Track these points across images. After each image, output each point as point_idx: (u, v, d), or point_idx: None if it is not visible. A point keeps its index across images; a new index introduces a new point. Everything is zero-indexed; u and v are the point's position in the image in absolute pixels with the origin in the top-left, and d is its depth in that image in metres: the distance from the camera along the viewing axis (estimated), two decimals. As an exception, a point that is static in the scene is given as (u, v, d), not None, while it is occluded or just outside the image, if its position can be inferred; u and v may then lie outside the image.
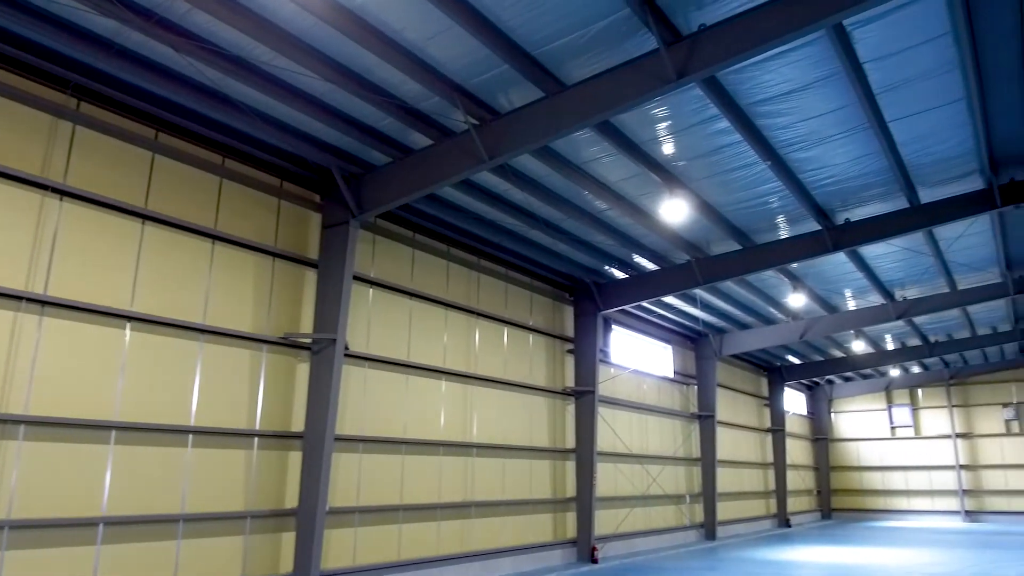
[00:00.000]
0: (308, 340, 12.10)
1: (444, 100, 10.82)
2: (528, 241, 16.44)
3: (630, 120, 11.92)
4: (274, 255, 12.06)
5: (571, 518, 18.21)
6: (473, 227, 15.12)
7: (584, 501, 18.04)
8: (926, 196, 15.14)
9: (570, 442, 18.68)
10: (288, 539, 11.52)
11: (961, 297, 21.99)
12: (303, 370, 12.18)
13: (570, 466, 18.51)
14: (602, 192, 14.03)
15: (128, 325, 9.98)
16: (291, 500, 11.66)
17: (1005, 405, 35.15)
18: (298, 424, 11.96)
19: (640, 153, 12.87)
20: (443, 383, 15.10)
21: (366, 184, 12.34)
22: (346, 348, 12.64)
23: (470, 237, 15.86)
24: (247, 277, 11.60)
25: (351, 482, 12.78)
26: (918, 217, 15.32)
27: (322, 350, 11.88)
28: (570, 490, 18.34)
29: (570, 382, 19.04)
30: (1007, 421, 35.04)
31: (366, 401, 13.32)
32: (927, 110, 12.01)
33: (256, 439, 11.33)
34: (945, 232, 17.42)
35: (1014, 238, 18.21)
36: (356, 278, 13.40)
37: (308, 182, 12.77)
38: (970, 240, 18.09)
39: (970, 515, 34.83)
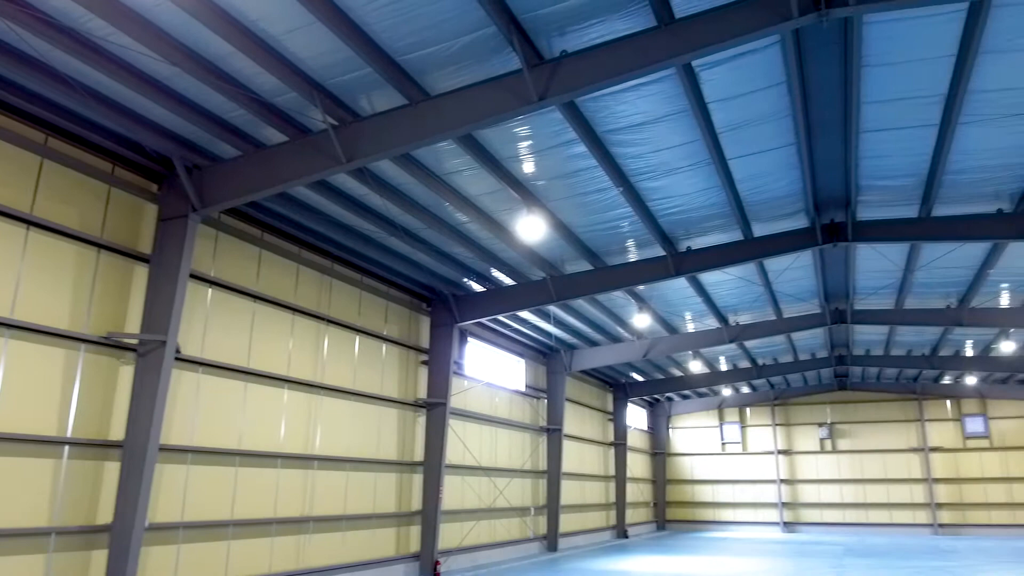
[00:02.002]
0: (134, 341, 11.14)
1: (302, 97, 10.39)
2: (386, 248, 16.14)
3: (493, 136, 12.03)
4: (100, 246, 11.01)
5: (415, 532, 17.95)
6: (328, 230, 14.61)
7: (429, 515, 17.85)
8: (759, 230, 16.40)
9: (419, 455, 18.45)
10: (100, 557, 10.47)
11: (786, 324, 24.01)
12: (127, 373, 11.18)
13: (417, 479, 18.27)
14: (463, 204, 14.05)
15: (-88, 316, 8.72)
16: (105, 515, 10.63)
17: (820, 425, 38.70)
18: (118, 432, 10.94)
19: (501, 169, 13.02)
20: (286, 392, 14.43)
21: (211, 177, 11.59)
22: (177, 351, 11.76)
23: (324, 240, 15.32)
24: (66, 269, 10.51)
25: (176, 495, 11.86)
26: (751, 249, 16.56)
27: (150, 352, 10.97)
28: (416, 503, 18.09)
29: (423, 394, 18.84)
30: (822, 440, 38.56)
31: (198, 409, 12.45)
32: (763, 151, 13.02)
33: (66, 447, 10.23)
34: (774, 264, 18.96)
35: (832, 273, 20.15)
36: (193, 276, 12.53)
37: (145, 170, 11.80)
38: (795, 273, 19.81)
39: (788, 526, 37.95)
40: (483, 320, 19.95)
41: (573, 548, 27.11)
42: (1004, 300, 21.28)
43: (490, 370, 23.17)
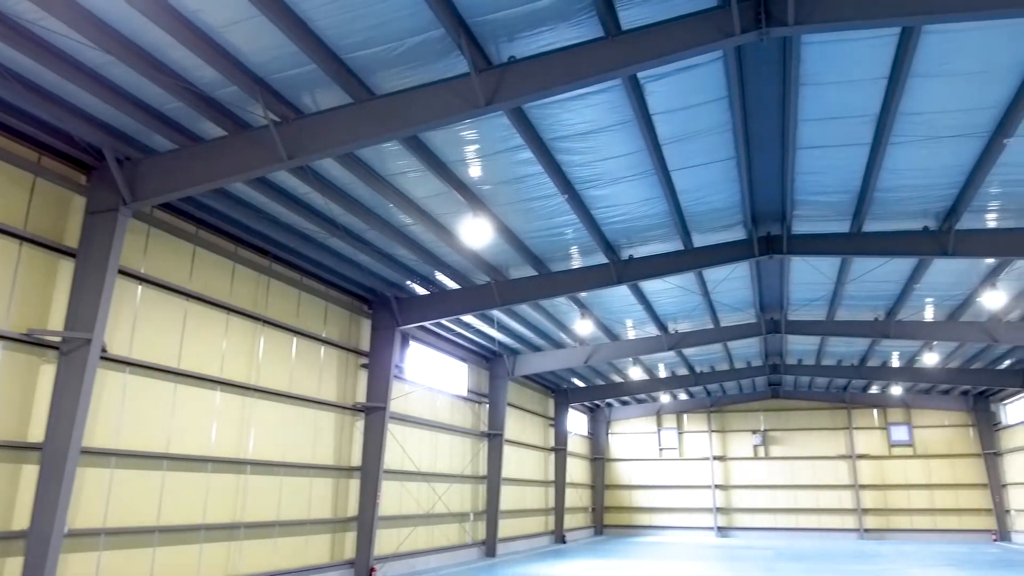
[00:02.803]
0: (57, 339, 10.63)
1: (243, 92, 10.12)
2: (327, 248, 15.85)
3: (439, 138, 11.95)
4: (22, 239, 10.48)
5: (351, 538, 17.63)
6: (267, 228, 14.24)
7: (365, 521, 17.57)
8: (699, 241, 16.73)
9: (356, 460, 18.14)
10: (14, 565, 9.93)
11: (723, 333, 24.56)
12: (48, 372, 10.66)
13: (354, 484, 17.96)
14: (407, 206, 13.91)
15: None
16: (22, 520, 10.09)
17: (754, 432, 39.73)
18: (37, 433, 10.41)
19: (447, 172, 12.94)
20: (218, 394, 14.00)
21: (144, 170, 11.16)
22: (103, 350, 11.29)
23: (262, 238, 14.91)
24: (-16, 262, 9.97)
25: (99, 500, 11.35)
26: (691, 259, 16.89)
27: (73, 351, 10.48)
28: (352, 509, 17.78)
29: (362, 397, 18.55)
30: (755, 446, 39.60)
31: (124, 410, 11.96)
32: (704, 164, 13.30)
33: (-22, 451, 9.69)
34: (712, 274, 19.37)
35: (768, 285, 20.71)
36: (122, 273, 12.04)
37: (74, 161, 11.29)
38: (732, 283, 20.29)
39: (722, 531, 38.79)
40: (426, 323, 19.79)
41: (512, 553, 27.12)
42: (928, 314, 22.25)
43: (432, 374, 22.99)
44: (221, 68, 9.52)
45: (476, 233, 13.73)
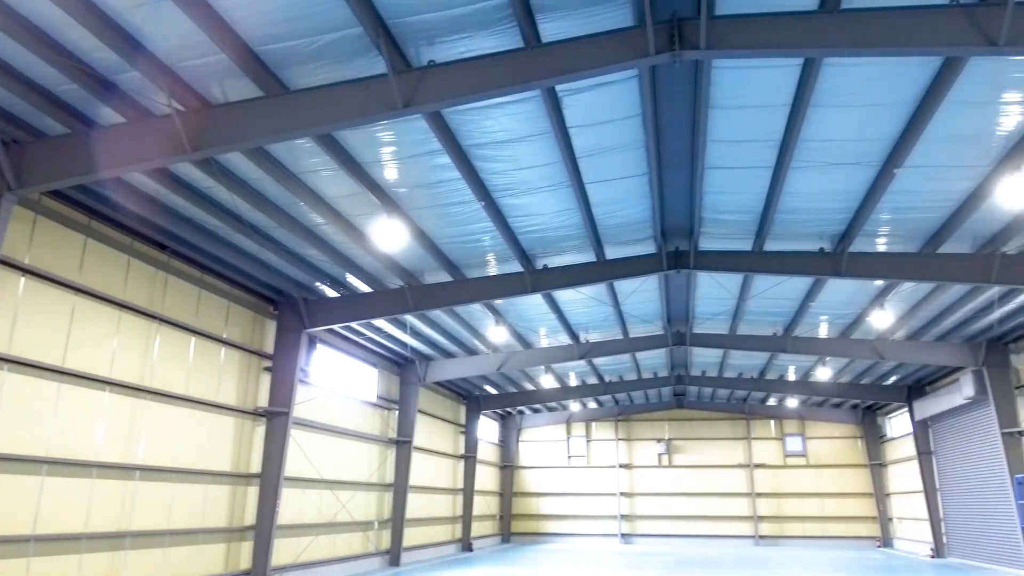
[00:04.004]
0: (-77, 332, 9.77)
1: (145, 78, 9.61)
2: (232, 246, 15.23)
3: (355, 138, 11.71)
4: None
5: (247, 548, 16.95)
6: (166, 222, 13.54)
7: (263, 529, 16.93)
8: (611, 253, 17.05)
9: (256, 466, 17.48)
10: None
11: (632, 344, 25.12)
12: (-89, 369, 9.78)
13: (252, 492, 17.29)
14: (319, 205, 13.54)
15: None
16: None
17: (659, 440, 40.79)
18: None
19: (362, 173, 12.68)
20: (107, 395, 13.20)
21: (33, 154, 10.42)
22: (-22, 346, 10.45)
23: (161, 232, 14.15)
24: None
25: (-36, 509, 10.48)
26: (603, 270, 17.19)
27: (-59, 346, 9.65)
28: (250, 518, 17.10)
29: (264, 402, 17.91)
30: (660, 455, 40.64)
31: (0, 410, 11.10)
32: (618, 178, 13.57)
33: None
34: (623, 286, 19.79)
35: (675, 298, 21.34)
36: (4, 263, 11.19)
37: (-49, 140, 10.42)
38: (642, 296, 20.79)
39: (626, 537, 39.57)
40: (335, 327, 19.31)
41: (416, 562, 26.78)
42: (822, 331, 23.46)
43: (340, 379, 22.47)
44: (122, 52, 9.01)
45: (390, 236, 13.50)
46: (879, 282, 17.95)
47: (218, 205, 13.38)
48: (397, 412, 25.96)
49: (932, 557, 29.30)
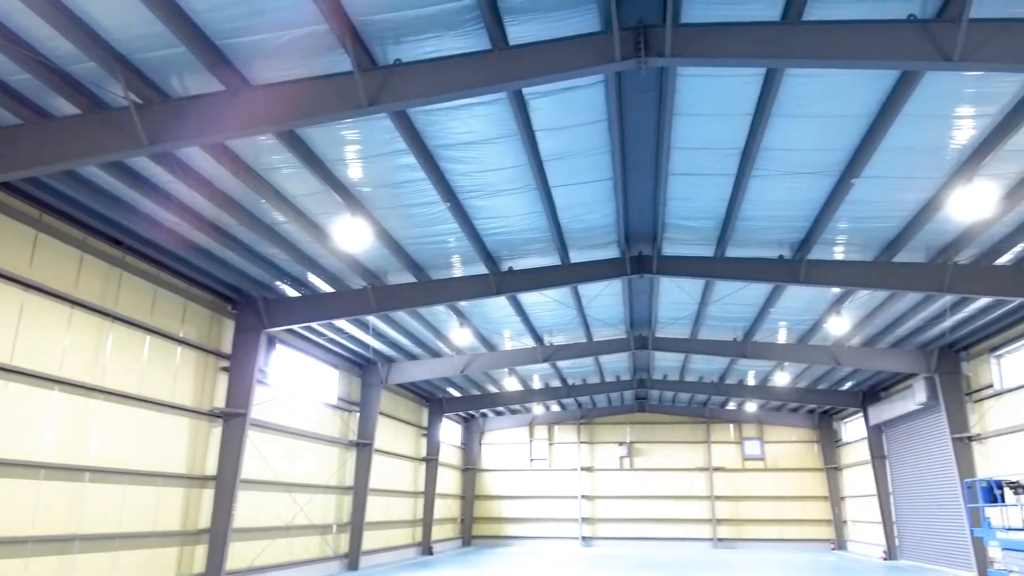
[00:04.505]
0: None
1: (102, 68, 9.35)
2: (190, 243, 14.90)
3: (318, 136, 11.55)
4: None
5: (202, 551, 16.59)
6: (122, 217, 13.17)
7: (218, 533, 16.58)
8: (575, 257, 17.12)
9: (211, 468, 17.12)
10: None
11: (595, 347, 25.26)
12: None
13: (208, 494, 16.92)
14: (280, 203, 13.32)
15: None
16: None
17: (620, 444, 41.06)
18: None
19: (325, 171, 12.51)
20: (56, 393, 12.80)
21: (-20, 145, 10.07)
22: (-81, 342, 10.05)
23: (117, 228, 13.77)
24: None
25: (-99, 512, 10.05)
26: (567, 274, 17.25)
27: None
28: (204, 521, 16.73)
29: (221, 402, 17.56)
30: (621, 458, 40.92)
31: (-59, 410, 10.70)
32: (583, 183, 13.63)
33: None
34: (587, 290, 19.88)
35: (638, 303, 21.52)
36: (-51, 257, 10.81)
37: None
38: (606, 300, 20.92)
39: (587, 540, 39.73)
40: (295, 327, 19.02)
41: (375, 566, 26.51)
42: (781, 336, 23.87)
43: (299, 380, 22.15)
44: (78, 41, 8.76)
45: (353, 235, 13.32)
46: (836, 289, 18.31)
47: (176, 200, 13.08)
48: (358, 414, 25.68)
49: (884, 559, 30.00)
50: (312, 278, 17.39)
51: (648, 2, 8.77)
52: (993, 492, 16.81)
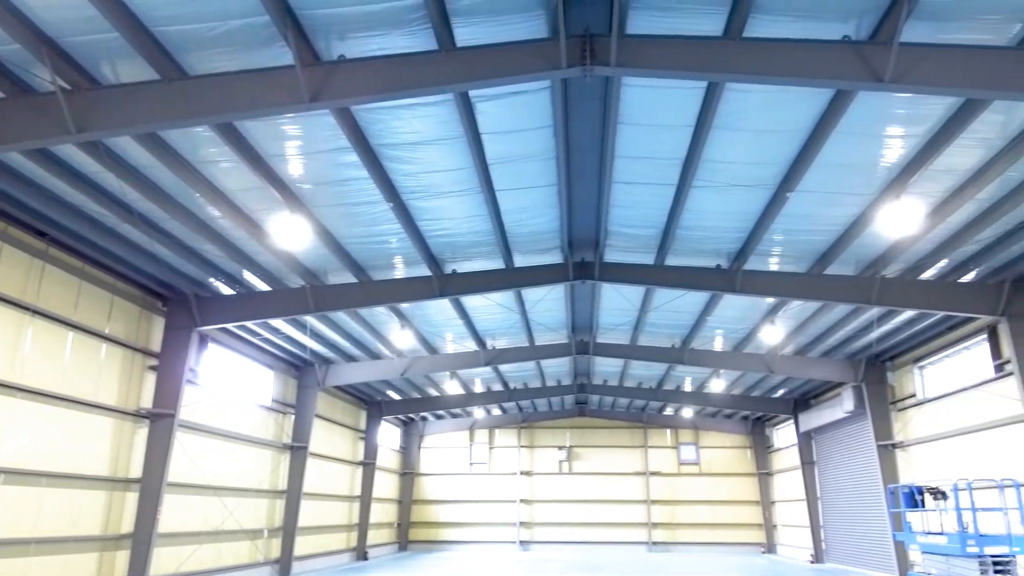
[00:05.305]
0: None
1: (27, 51, 8.90)
2: (119, 236, 14.30)
3: (258, 130, 11.24)
4: None
5: (124, 557, 15.92)
6: (46, 207, 12.53)
7: (142, 538, 15.93)
8: (519, 261, 17.13)
9: (136, 471, 16.45)
10: None
11: (537, 352, 25.35)
12: None
13: (132, 498, 16.25)
14: (216, 198, 12.91)
15: None
16: None
17: (560, 448, 41.29)
18: None
19: (264, 167, 12.19)
20: (-31, 392, 12.12)
21: None
22: None
23: (40, 218, 13.09)
24: None
25: None
26: (511, 278, 17.24)
27: None
28: (127, 526, 16.06)
29: (148, 403, 16.90)
30: (560, 462, 41.15)
31: None
32: (528, 187, 13.65)
33: None
34: (530, 294, 19.93)
35: (580, 308, 21.69)
36: None
37: None
38: (548, 304, 21.01)
39: (524, 544, 39.76)
40: (229, 326, 18.46)
41: (308, 572, 25.95)
42: (718, 344, 24.41)
43: (232, 380, 21.52)
44: (1, 20, 8.30)
45: (292, 233, 13.00)
46: (770, 299, 18.81)
47: (105, 192, 12.55)
48: (293, 416, 25.09)
49: (812, 562, 30.95)
50: (248, 276, 16.92)
51: (595, 11, 8.84)
52: (914, 497, 17.50)
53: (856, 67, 8.64)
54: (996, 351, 17.78)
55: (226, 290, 17.55)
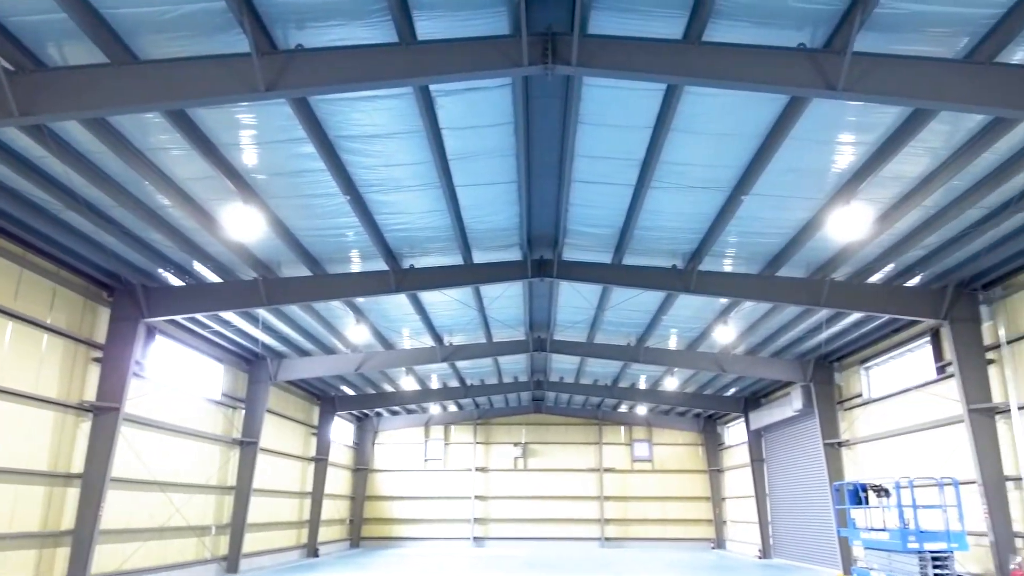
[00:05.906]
0: None
1: (-35, 28, 8.52)
2: (62, 223, 13.80)
3: (211, 117, 10.96)
4: None
5: (64, 554, 15.40)
6: (-14, 193, 12.09)
7: (83, 535, 15.45)
8: (478, 257, 17.08)
9: (78, 466, 15.93)
10: None
11: (494, 348, 25.34)
12: None
13: (73, 493, 15.74)
14: (166, 186, 12.54)
15: None
16: None
17: (516, 444, 41.37)
18: None
19: (217, 155, 11.89)
20: (-102, 383, 11.57)
21: None
22: None
23: (-21, 204, 12.64)
24: None
25: None
26: (469, 274, 17.20)
27: None
28: (68, 522, 15.55)
29: (91, 395, 16.37)
30: (515, 458, 41.23)
31: None
32: (488, 184, 13.61)
33: None
34: (489, 291, 19.89)
35: (537, 305, 21.74)
36: None
37: None
38: (506, 301, 21.00)
39: (478, 540, 39.76)
40: (177, 318, 18.00)
41: (256, 569, 25.52)
42: (672, 343, 24.74)
43: (180, 374, 21.01)
44: (-65, -6, 7.93)
45: (245, 224, 12.68)
46: (723, 300, 19.12)
47: (49, 177, 12.09)
48: (243, 411, 24.62)
49: (759, 558, 31.62)
50: (198, 267, 16.50)
51: (557, 10, 8.85)
52: (858, 495, 18.02)
53: (811, 74, 8.82)
54: (938, 354, 18.40)
55: (175, 281, 17.09)
